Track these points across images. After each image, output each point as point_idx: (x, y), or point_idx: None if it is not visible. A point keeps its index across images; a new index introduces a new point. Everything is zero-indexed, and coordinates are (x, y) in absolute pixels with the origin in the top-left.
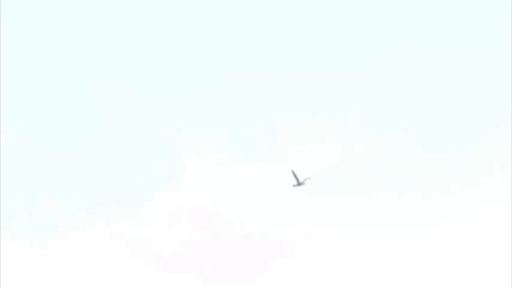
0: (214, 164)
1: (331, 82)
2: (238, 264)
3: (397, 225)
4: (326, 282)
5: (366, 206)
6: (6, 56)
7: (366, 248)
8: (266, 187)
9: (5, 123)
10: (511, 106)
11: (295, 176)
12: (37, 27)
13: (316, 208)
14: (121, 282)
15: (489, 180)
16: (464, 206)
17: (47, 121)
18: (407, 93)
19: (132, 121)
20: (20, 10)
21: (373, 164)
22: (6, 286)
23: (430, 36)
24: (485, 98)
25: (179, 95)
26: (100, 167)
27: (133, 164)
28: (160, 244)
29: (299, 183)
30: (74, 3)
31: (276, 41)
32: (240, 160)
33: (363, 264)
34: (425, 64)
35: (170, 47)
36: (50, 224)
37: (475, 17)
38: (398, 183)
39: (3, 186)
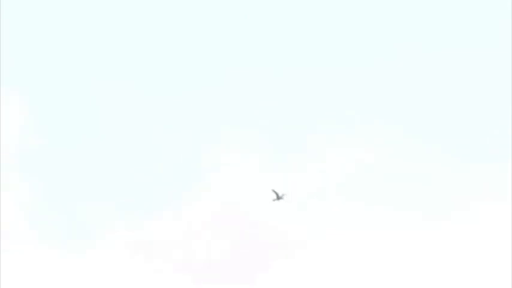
0: (241, 169)
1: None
2: (247, 264)
3: (399, 227)
4: (331, 283)
5: (368, 208)
6: (8, 57)
7: (368, 249)
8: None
9: (25, 127)
10: (511, 106)
11: (274, 192)
12: (37, 28)
13: (320, 209)
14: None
15: (489, 181)
16: (465, 208)
17: (71, 127)
18: (426, 97)
19: (158, 127)
20: (19, 11)
21: (374, 166)
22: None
23: (435, 36)
24: (486, 99)
25: (209, 99)
26: (125, 172)
27: (159, 170)
28: (186, 250)
29: (278, 198)
30: (73, 3)
31: (310, 46)
32: (267, 165)
33: (364, 265)
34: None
35: (200, 51)
36: (77, 229)
37: (476, 17)
38: (401, 185)
39: (25, 190)
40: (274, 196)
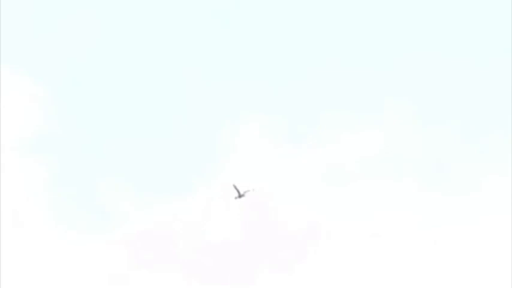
0: (255, 152)
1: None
2: (273, 252)
3: (412, 207)
4: (345, 264)
5: (382, 189)
6: (24, 43)
7: (383, 230)
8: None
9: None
10: (511, 106)
11: (236, 189)
12: (57, 16)
13: (334, 191)
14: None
15: (489, 181)
16: (467, 207)
17: (88, 110)
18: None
19: (174, 110)
20: (19, 10)
21: (387, 147)
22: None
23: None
24: (486, 98)
25: (225, 83)
26: (151, 153)
27: (174, 153)
28: (201, 232)
29: (240, 196)
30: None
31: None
32: (281, 148)
33: (378, 246)
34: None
35: (218, 38)
36: (102, 209)
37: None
38: (414, 166)
39: (55, 176)
40: (236, 194)
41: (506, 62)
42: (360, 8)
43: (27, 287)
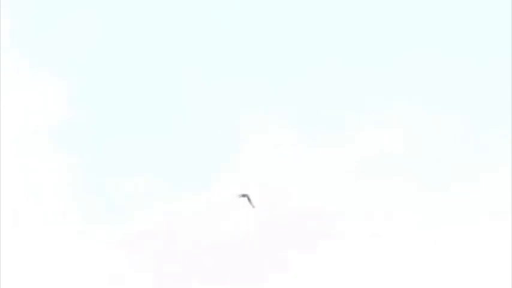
0: (277, 144)
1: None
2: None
3: (433, 207)
4: (367, 260)
5: (400, 187)
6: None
7: (405, 228)
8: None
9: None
10: (511, 106)
11: (242, 195)
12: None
13: (352, 189)
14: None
15: (490, 181)
16: (467, 207)
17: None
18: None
19: (189, 102)
20: (20, 10)
21: (404, 146)
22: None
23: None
24: (487, 99)
25: (242, 76)
26: (151, 153)
27: (186, 151)
28: (213, 229)
29: (244, 195)
30: None
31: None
32: (303, 142)
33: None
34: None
35: (229, 38)
36: (102, 209)
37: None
38: (436, 164)
39: (74, 166)
40: (239, 195)
41: (506, 62)
42: (360, 8)
43: (27, 287)
